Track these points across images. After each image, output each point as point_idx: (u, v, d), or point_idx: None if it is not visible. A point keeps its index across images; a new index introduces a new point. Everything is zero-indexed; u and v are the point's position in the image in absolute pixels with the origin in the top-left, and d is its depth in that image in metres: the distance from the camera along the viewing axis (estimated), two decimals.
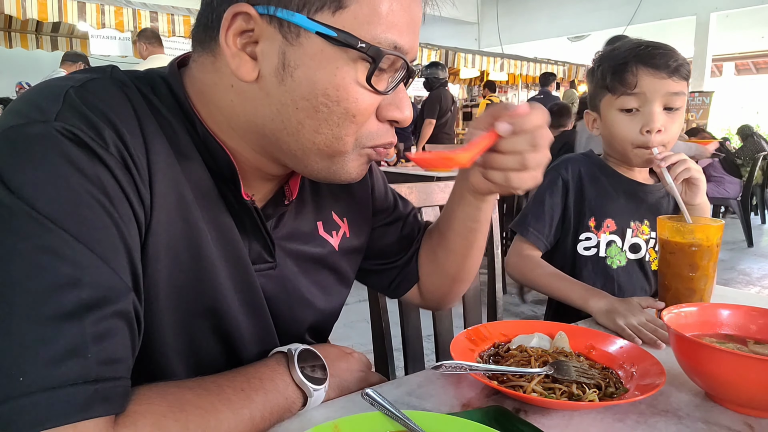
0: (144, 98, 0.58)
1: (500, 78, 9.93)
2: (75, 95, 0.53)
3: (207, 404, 0.55)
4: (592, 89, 1.19)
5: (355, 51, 0.55)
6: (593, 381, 0.72)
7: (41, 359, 0.44)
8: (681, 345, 0.71)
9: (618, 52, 1.12)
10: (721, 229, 0.94)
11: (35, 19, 4.75)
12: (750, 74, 15.52)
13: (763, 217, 7.22)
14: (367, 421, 0.59)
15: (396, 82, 0.60)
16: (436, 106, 6.35)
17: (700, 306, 0.83)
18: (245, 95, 0.59)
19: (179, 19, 5.47)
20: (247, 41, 0.57)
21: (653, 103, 1.07)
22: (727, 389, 0.68)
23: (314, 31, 0.55)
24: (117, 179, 0.52)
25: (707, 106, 9.27)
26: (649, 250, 1.21)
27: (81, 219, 0.48)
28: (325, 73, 0.56)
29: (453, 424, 0.59)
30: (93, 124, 0.51)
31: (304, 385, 0.64)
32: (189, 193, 0.59)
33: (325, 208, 0.78)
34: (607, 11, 10.32)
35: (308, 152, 0.60)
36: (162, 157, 0.57)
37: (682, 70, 1.08)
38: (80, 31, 6.43)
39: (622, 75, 1.08)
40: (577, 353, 0.81)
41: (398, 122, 0.62)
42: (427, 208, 1.29)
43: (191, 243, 0.60)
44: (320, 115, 0.57)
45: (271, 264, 0.70)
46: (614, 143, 1.15)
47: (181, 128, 0.61)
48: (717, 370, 0.67)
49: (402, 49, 0.58)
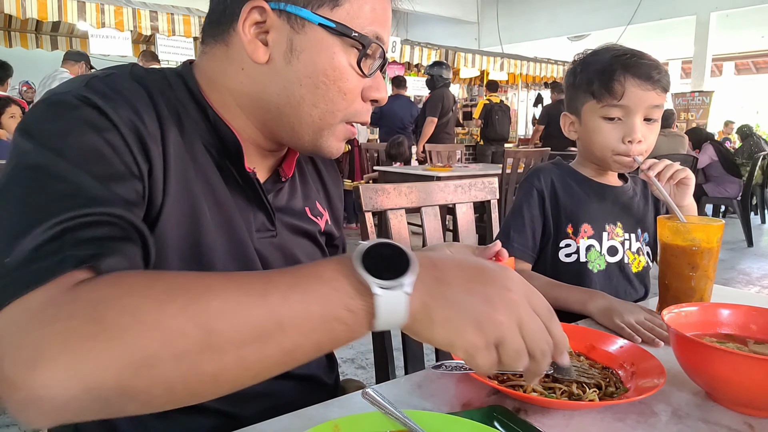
0: (159, 89, 0.68)
1: (500, 78, 9.92)
2: (97, 80, 0.63)
3: (214, 284, 0.46)
4: (573, 93, 1.18)
5: (349, 39, 0.67)
6: (593, 380, 0.72)
7: (24, 247, 0.48)
8: (681, 344, 0.71)
9: (602, 57, 1.12)
10: (721, 229, 0.94)
11: (35, 18, 4.74)
12: (750, 74, 15.53)
13: (763, 217, 7.22)
14: (367, 421, 0.59)
15: (375, 67, 0.71)
16: (438, 105, 6.35)
17: (700, 305, 0.83)
18: (255, 76, 0.70)
19: (179, 18, 5.47)
20: (259, 31, 0.67)
21: (636, 114, 1.09)
22: (728, 389, 0.68)
23: (317, 22, 0.66)
24: (124, 138, 0.59)
25: (707, 106, 9.27)
26: (627, 252, 1.21)
27: (81, 151, 0.56)
28: (325, 57, 0.67)
29: (453, 424, 0.59)
30: (108, 97, 0.61)
31: (362, 277, 0.46)
32: (191, 171, 0.67)
33: (311, 197, 0.87)
34: (607, 11, 10.31)
35: (303, 125, 0.71)
36: (172, 137, 0.65)
37: (664, 82, 1.10)
38: (80, 30, 6.43)
39: (610, 83, 1.08)
40: (577, 353, 0.81)
41: (377, 102, 0.73)
42: (427, 208, 1.29)
43: (192, 214, 0.67)
44: (319, 91, 0.68)
45: (272, 231, 0.78)
46: (594, 149, 1.16)
47: (192, 114, 0.70)
48: (717, 370, 0.67)
49: (382, 40, 0.70)
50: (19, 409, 0.42)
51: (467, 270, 0.50)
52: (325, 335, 0.47)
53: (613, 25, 10.29)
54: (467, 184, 1.37)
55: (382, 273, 0.46)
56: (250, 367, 0.46)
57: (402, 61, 7.76)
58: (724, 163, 5.90)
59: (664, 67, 1.12)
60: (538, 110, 9.62)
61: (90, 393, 0.41)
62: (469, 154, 8.30)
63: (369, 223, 1.20)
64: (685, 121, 9.02)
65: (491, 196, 1.42)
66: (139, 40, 6.86)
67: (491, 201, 1.42)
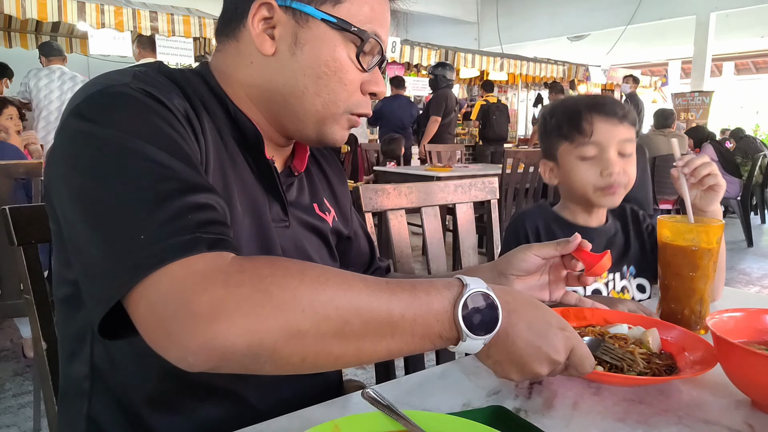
0: (186, 83, 0.72)
1: (500, 78, 9.92)
2: (142, 75, 0.66)
3: (350, 280, 0.55)
4: (547, 140, 1.21)
5: (349, 33, 0.72)
6: (617, 363, 0.77)
7: (154, 224, 0.52)
8: (727, 352, 0.70)
9: (569, 103, 1.18)
10: (721, 228, 0.94)
11: (35, 18, 4.72)
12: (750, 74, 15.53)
13: (763, 217, 7.22)
14: (367, 421, 0.59)
15: (374, 63, 0.76)
16: (442, 104, 6.35)
17: (746, 311, 0.82)
18: (263, 68, 0.74)
19: (179, 18, 5.46)
20: (266, 26, 0.73)
21: (609, 149, 1.11)
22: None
23: (320, 18, 0.71)
24: (183, 126, 0.64)
25: (707, 106, 9.27)
26: (611, 292, 1.21)
27: (163, 139, 0.59)
28: (326, 49, 0.72)
29: (453, 424, 0.59)
30: (159, 87, 0.65)
31: (459, 325, 0.58)
32: (224, 155, 0.72)
33: (318, 195, 0.90)
34: (607, 11, 10.32)
35: (308, 113, 0.75)
36: (207, 125, 0.70)
37: (631, 117, 1.13)
38: (80, 30, 6.41)
39: (578, 123, 1.12)
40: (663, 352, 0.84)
41: (376, 95, 0.78)
42: (427, 208, 1.29)
43: (225, 196, 0.68)
44: (321, 81, 0.73)
45: (286, 222, 0.81)
46: (575, 188, 1.17)
47: (214, 107, 0.75)
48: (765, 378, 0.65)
49: (380, 38, 0.74)
50: (184, 356, 0.49)
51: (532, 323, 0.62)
52: (417, 349, 0.58)
53: (613, 25, 10.29)
54: (467, 184, 1.37)
55: (475, 328, 0.58)
56: (361, 357, 0.56)
57: (402, 62, 7.75)
58: (724, 163, 5.90)
59: (627, 105, 1.16)
60: (537, 110, 9.61)
61: (250, 349, 0.49)
62: (468, 154, 8.30)
63: (369, 223, 1.20)
64: (684, 121, 9.02)
65: (491, 196, 1.42)
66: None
67: (491, 201, 1.42)
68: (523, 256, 0.85)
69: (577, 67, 9.46)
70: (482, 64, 8.44)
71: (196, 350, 0.49)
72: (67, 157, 0.59)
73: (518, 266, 0.85)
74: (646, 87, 10.76)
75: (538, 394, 0.73)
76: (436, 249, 1.30)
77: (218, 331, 0.48)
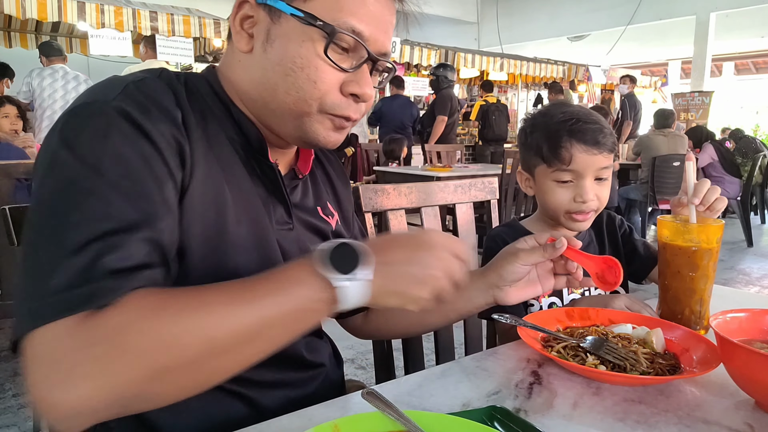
0: (187, 92, 0.72)
1: (500, 78, 9.92)
2: (133, 87, 0.66)
3: (209, 300, 0.56)
4: (525, 153, 1.20)
5: (315, 28, 0.68)
6: (620, 362, 0.78)
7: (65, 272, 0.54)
8: (729, 352, 0.70)
9: (550, 122, 1.14)
10: (721, 229, 0.94)
11: (35, 18, 4.72)
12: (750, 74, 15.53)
13: (763, 217, 7.22)
14: (367, 421, 0.59)
15: (358, 63, 0.72)
16: (447, 104, 6.33)
17: (749, 311, 0.82)
18: (245, 66, 0.74)
19: (179, 18, 5.46)
20: (250, 24, 0.73)
21: (585, 177, 1.11)
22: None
23: (289, 12, 0.69)
24: (158, 147, 0.63)
25: (707, 106, 9.27)
26: None
27: (118, 170, 0.59)
28: (294, 45, 0.70)
29: (453, 424, 0.59)
30: (144, 107, 0.64)
31: (327, 274, 0.58)
32: (215, 166, 0.71)
33: (322, 198, 0.90)
34: (607, 11, 10.31)
35: (283, 111, 0.73)
36: (197, 135, 0.69)
37: (609, 144, 1.12)
38: (80, 30, 6.41)
39: (557, 150, 1.11)
40: (667, 352, 0.85)
41: (358, 97, 0.73)
42: (427, 208, 1.29)
43: (216, 207, 0.70)
44: (289, 78, 0.70)
45: (290, 224, 0.81)
46: (548, 208, 1.17)
47: (217, 112, 0.75)
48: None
49: (361, 35, 0.70)
50: (57, 422, 0.51)
51: (404, 245, 0.64)
52: (303, 323, 0.60)
53: (613, 25, 10.29)
54: (467, 184, 1.37)
55: (340, 269, 0.58)
56: (246, 360, 0.58)
57: (402, 62, 7.75)
58: (724, 163, 5.90)
59: (609, 127, 1.14)
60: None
61: (115, 402, 0.51)
62: (468, 154, 8.30)
63: (369, 223, 1.20)
64: (684, 122, 9.02)
65: (491, 196, 1.42)
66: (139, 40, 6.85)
67: (491, 201, 1.42)
68: (512, 268, 0.87)
69: (577, 67, 9.45)
70: (482, 64, 8.44)
71: (62, 418, 0.51)
72: (36, 170, 0.62)
73: (509, 278, 0.87)
74: (646, 87, 10.76)
75: (538, 394, 0.73)
76: None
77: (77, 398, 0.50)
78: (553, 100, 7.51)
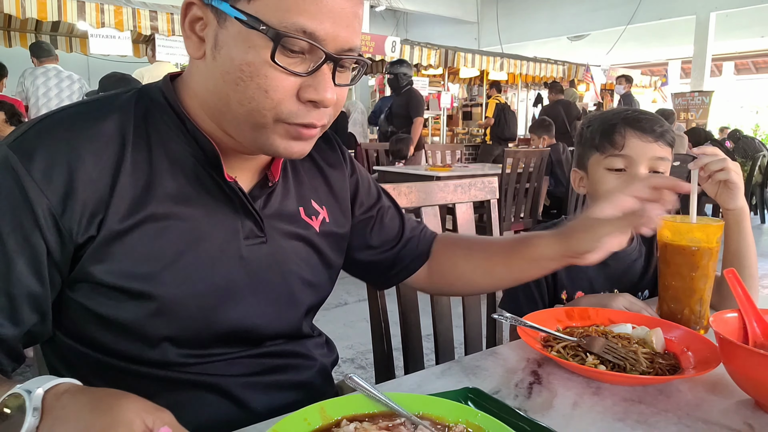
0: (137, 118, 0.70)
1: (500, 77, 9.91)
2: (42, 126, 0.65)
3: None
4: (581, 149, 1.21)
5: (259, 32, 0.61)
6: (620, 362, 0.78)
7: None
8: (729, 352, 0.70)
9: (607, 115, 1.17)
10: (721, 228, 0.94)
11: (35, 18, 4.71)
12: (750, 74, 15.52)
13: (763, 217, 7.22)
14: (351, 403, 0.62)
15: (316, 66, 0.64)
16: (423, 104, 6.22)
17: None
18: (201, 73, 0.69)
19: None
20: (201, 27, 0.67)
21: (639, 165, 1.10)
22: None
23: (233, 15, 0.63)
24: (33, 210, 0.62)
25: (707, 106, 9.28)
26: None
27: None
28: (239, 52, 0.63)
29: (429, 403, 0.62)
30: (35, 157, 0.63)
31: None
32: (156, 191, 0.68)
33: (305, 196, 0.85)
34: (607, 11, 10.32)
35: (239, 123, 0.67)
36: (129, 166, 0.67)
37: (667, 137, 1.11)
38: (79, 30, 6.41)
39: (611, 136, 1.11)
40: (667, 352, 0.84)
41: (316, 103, 0.66)
42: (427, 208, 1.28)
43: (148, 242, 0.67)
44: (239, 88, 0.64)
45: (261, 238, 0.77)
46: (599, 200, 1.15)
47: (175, 130, 0.71)
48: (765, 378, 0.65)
49: (314, 35, 0.62)
50: None
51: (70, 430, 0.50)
52: None
53: (613, 25, 10.29)
54: (467, 184, 1.37)
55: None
56: None
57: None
58: None
59: (667, 123, 1.13)
60: (538, 110, 9.61)
61: None
62: (468, 154, 8.30)
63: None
64: (684, 121, 9.02)
65: (491, 196, 1.42)
66: (139, 40, 6.84)
67: (491, 201, 1.42)
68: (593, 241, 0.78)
69: (577, 66, 9.45)
70: (482, 64, 8.43)
71: None
72: None
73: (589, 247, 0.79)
74: (646, 87, 10.76)
75: (538, 393, 0.73)
76: None
77: None
78: (553, 100, 7.52)
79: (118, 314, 0.68)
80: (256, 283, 0.76)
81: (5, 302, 0.63)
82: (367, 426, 0.59)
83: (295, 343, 0.83)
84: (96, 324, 0.69)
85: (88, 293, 0.67)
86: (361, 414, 0.61)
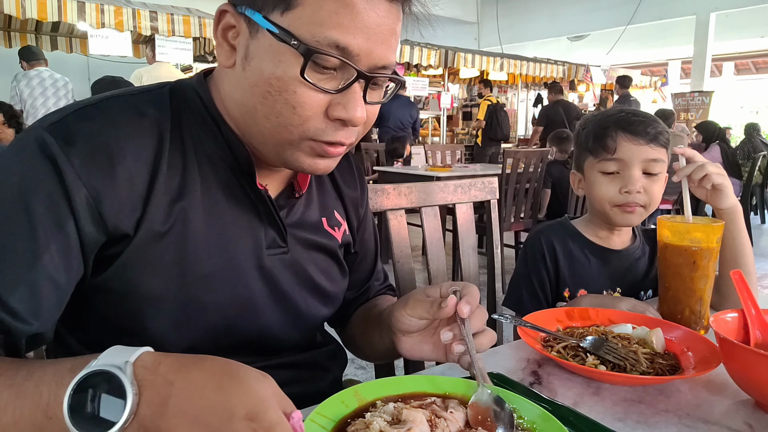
0: (173, 117, 0.68)
1: (500, 78, 9.91)
2: (85, 113, 0.64)
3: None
4: (577, 152, 1.22)
5: (290, 47, 0.60)
6: (620, 362, 0.78)
7: None
8: (729, 352, 0.70)
9: (601, 117, 1.17)
10: (720, 228, 0.94)
11: (35, 18, 4.71)
12: (750, 74, 15.52)
13: (763, 217, 7.22)
14: (385, 385, 0.65)
15: (346, 83, 0.62)
16: None
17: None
18: (229, 82, 0.68)
19: (179, 18, 5.45)
20: (234, 35, 0.66)
21: (632, 167, 1.10)
22: None
23: (266, 27, 0.61)
24: (67, 187, 0.59)
25: (707, 106, 9.27)
26: None
27: (11, 228, 0.58)
28: (269, 65, 0.62)
29: (462, 385, 0.67)
30: (74, 146, 0.60)
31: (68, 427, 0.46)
32: (189, 197, 0.67)
33: (328, 207, 0.85)
34: (607, 11, 10.31)
35: (264, 136, 0.67)
36: (165, 166, 0.65)
37: (661, 138, 1.11)
38: (80, 30, 6.40)
39: (603, 140, 1.12)
40: (667, 352, 0.84)
41: (345, 121, 0.64)
42: (427, 208, 1.28)
43: (180, 242, 0.66)
44: (267, 102, 0.63)
45: (283, 248, 0.76)
46: (595, 203, 1.17)
47: (208, 132, 0.70)
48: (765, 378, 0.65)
49: (347, 50, 0.60)
50: None
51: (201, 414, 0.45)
52: None
53: (613, 25, 10.29)
54: (467, 184, 1.37)
55: (86, 422, 0.45)
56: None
57: (402, 62, 7.75)
58: (727, 165, 5.89)
59: (662, 124, 1.13)
60: (538, 110, 9.61)
61: None
62: (468, 154, 8.30)
63: None
64: (684, 121, 9.01)
65: (491, 196, 1.42)
66: (139, 40, 6.84)
67: (491, 201, 1.42)
68: (398, 315, 0.75)
69: (577, 67, 9.45)
70: (482, 64, 8.43)
71: None
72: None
73: (395, 326, 0.77)
74: (646, 87, 10.76)
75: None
76: (435, 249, 1.30)
77: None
78: (554, 99, 7.52)
79: (138, 324, 0.66)
80: (276, 293, 0.75)
81: (26, 293, 0.58)
82: (401, 406, 0.60)
83: (309, 353, 0.84)
84: (113, 334, 0.67)
85: (108, 299, 0.66)
86: (393, 395, 0.64)
